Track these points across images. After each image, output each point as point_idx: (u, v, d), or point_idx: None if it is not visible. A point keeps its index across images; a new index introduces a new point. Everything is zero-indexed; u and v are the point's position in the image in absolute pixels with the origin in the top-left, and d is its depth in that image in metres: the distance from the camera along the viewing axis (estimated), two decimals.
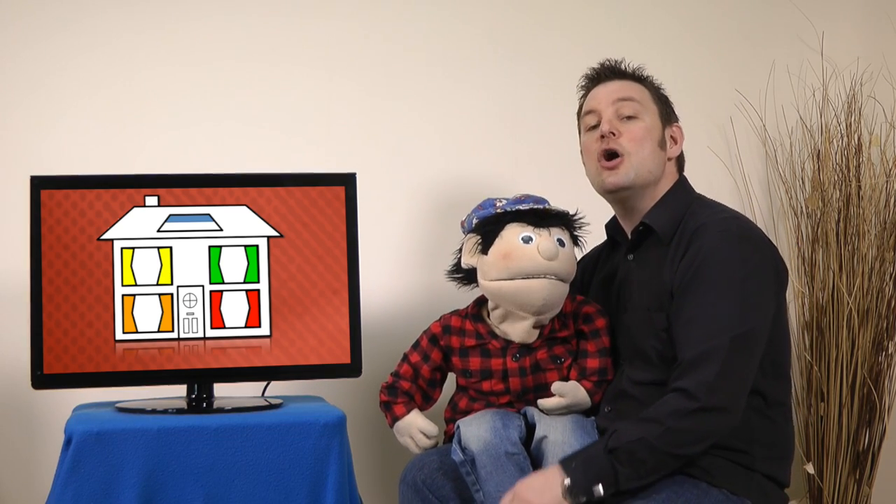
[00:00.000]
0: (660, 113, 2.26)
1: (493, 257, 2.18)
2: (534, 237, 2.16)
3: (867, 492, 2.94)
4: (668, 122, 2.27)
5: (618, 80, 2.27)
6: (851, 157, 2.98)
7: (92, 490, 2.15)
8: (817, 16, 3.10)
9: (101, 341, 2.31)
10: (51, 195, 2.31)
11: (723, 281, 2.04)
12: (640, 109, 2.23)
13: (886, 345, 2.95)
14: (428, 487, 2.21)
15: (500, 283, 2.17)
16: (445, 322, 2.31)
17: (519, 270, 2.15)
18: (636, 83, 2.28)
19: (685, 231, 2.14)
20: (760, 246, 2.11)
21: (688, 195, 2.26)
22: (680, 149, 2.29)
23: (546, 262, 2.14)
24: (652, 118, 2.24)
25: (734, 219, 2.15)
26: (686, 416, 1.97)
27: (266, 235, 2.38)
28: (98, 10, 2.77)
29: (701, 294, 2.04)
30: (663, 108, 2.28)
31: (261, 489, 2.20)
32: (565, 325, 2.24)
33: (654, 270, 2.16)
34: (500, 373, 2.23)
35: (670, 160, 2.26)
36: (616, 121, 2.22)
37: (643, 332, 2.16)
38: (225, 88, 2.81)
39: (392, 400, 2.31)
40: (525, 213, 2.19)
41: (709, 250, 2.07)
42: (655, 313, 2.13)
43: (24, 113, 2.74)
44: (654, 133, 2.23)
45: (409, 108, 2.90)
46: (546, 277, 2.15)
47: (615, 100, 2.24)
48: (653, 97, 2.27)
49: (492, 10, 2.97)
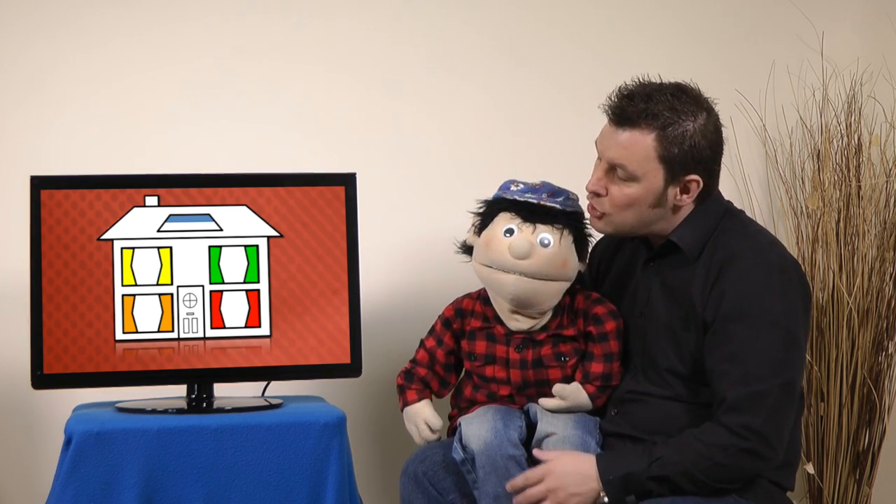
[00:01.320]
0: (664, 173, 2.06)
1: (481, 241, 2.20)
2: (515, 231, 2.16)
3: (867, 492, 2.94)
4: (675, 180, 2.07)
5: (626, 126, 2.06)
6: (851, 157, 2.98)
7: (92, 490, 2.15)
8: (817, 16, 3.09)
9: (101, 341, 2.31)
10: (51, 195, 2.31)
11: (766, 318, 2.00)
12: (634, 175, 2.06)
13: (886, 345, 2.95)
14: (429, 480, 2.21)
15: (480, 266, 2.20)
16: (457, 305, 2.31)
17: (493, 260, 2.17)
18: (647, 132, 2.04)
19: (717, 251, 2.08)
20: (795, 277, 2.07)
21: (718, 208, 2.15)
22: (693, 196, 2.10)
23: (514, 260, 2.14)
24: (649, 182, 2.06)
25: (771, 245, 2.10)
26: (735, 454, 1.97)
27: (266, 235, 2.38)
28: (98, 10, 2.77)
29: (743, 329, 2.01)
30: (673, 164, 2.05)
31: (261, 489, 2.20)
32: (573, 323, 2.23)
33: (678, 286, 2.12)
34: (503, 360, 2.23)
35: (677, 207, 2.10)
36: (604, 177, 2.10)
37: (661, 346, 2.13)
38: (225, 88, 2.81)
39: (407, 385, 2.31)
40: (520, 205, 2.19)
41: (751, 283, 2.02)
42: (683, 333, 2.10)
43: (24, 113, 2.73)
44: (646, 198, 2.08)
45: (409, 108, 2.90)
46: (514, 274, 2.15)
47: (611, 157, 2.08)
48: (661, 154, 2.04)
49: (492, 9, 2.96)
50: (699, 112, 2.08)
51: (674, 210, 2.12)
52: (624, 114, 2.06)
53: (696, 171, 2.08)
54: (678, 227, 2.13)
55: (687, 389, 2.10)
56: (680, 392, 2.11)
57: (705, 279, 2.07)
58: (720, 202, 2.17)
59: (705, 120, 2.08)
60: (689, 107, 2.07)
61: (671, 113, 2.05)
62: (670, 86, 2.10)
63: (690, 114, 2.06)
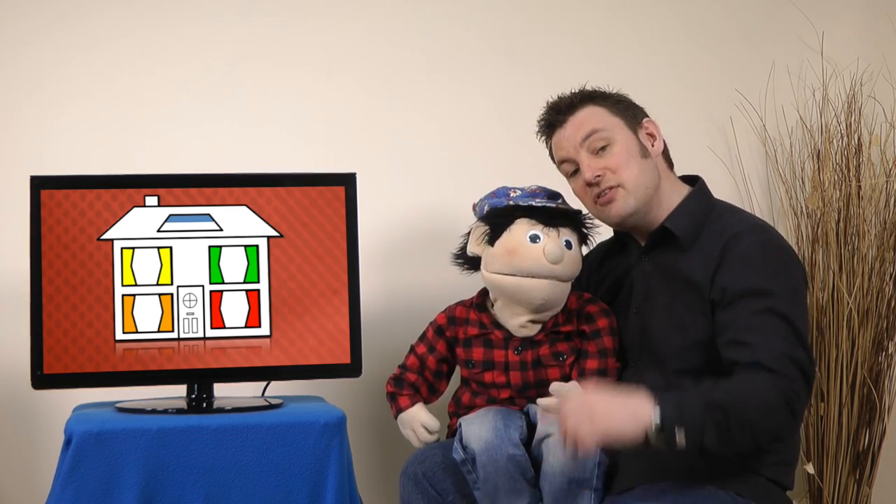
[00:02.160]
0: (626, 122, 2.19)
1: (498, 250, 2.18)
2: (542, 237, 2.16)
3: (867, 492, 2.94)
4: (637, 126, 2.21)
5: (571, 116, 2.20)
6: (851, 157, 2.98)
7: (92, 490, 2.15)
8: (817, 16, 3.10)
9: (101, 341, 2.31)
10: (51, 195, 2.31)
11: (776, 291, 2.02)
12: (607, 133, 2.17)
13: (886, 345, 2.95)
14: (428, 481, 2.22)
15: (502, 276, 2.18)
16: (450, 313, 2.31)
17: (522, 268, 2.15)
18: (588, 106, 2.20)
19: (714, 234, 2.11)
20: (793, 254, 2.13)
21: (708, 199, 2.22)
22: (661, 140, 2.23)
23: (550, 265, 2.14)
24: (622, 133, 2.18)
25: (767, 225, 2.17)
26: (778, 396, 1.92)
27: (266, 235, 2.38)
28: (98, 11, 2.77)
29: (755, 302, 2.02)
30: (626, 113, 2.20)
31: (261, 489, 2.20)
32: (569, 321, 2.24)
33: (677, 272, 2.13)
34: (501, 365, 2.23)
35: (657, 157, 2.21)
36: (593, 160, 2.17)
37: (665, 335, 2.14)
38: (225, 88, 2.81)
39: (397, 391, 2.31)
40: (536, 210, 2.19)
41: (757, 258, 2.06)
42: (687, 316, 2.10)
43: (24, 113, 2.74)
44: (631, 148, 2.17)
45: (409, 109, 2.90)
46: (548, 279, 2.15)
47: (581, 139, 2.17)
48: (611, 110, 2.20)
49: (492, 10, 2.97)
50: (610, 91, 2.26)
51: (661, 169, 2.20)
52: (561, 109, 2.22)
53: (645, 116, 2.23)
54: (671, 215, 2.17)
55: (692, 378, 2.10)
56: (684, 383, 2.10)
57: (707, 260, 2.10)
58: (708, 194, 2.24)
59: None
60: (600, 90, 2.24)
61: (591, 92, 2.23)
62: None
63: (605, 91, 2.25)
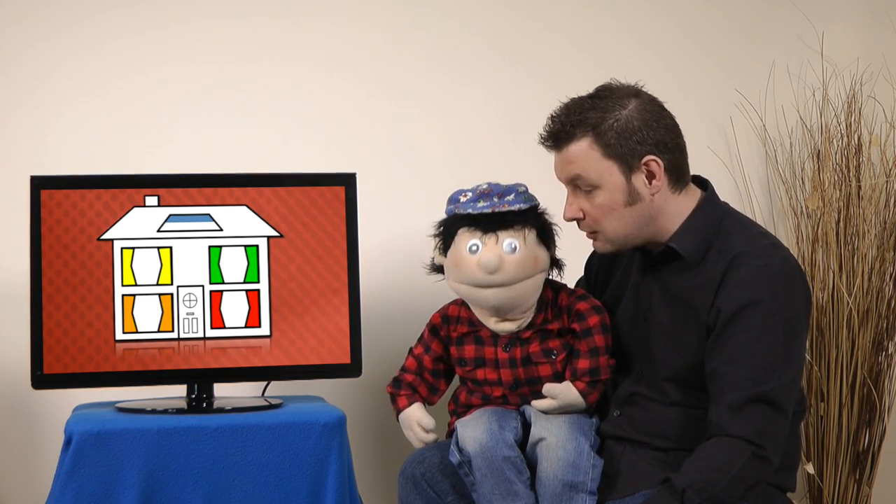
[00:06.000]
0: (620, 166, 2.06)
1: (448, 261, 2.19)
2: (480, 246, 2.16)
3: (867, 492, 2.94)
4: (634, 167, 2.06)
5: (564, 147, 2.09)
6: (851, 157, 2.98)
7: (92, 490, 2.15)
8: (817, 16, 3.10)
9: (101, 341, 2.32)
10: (51, 195, 2.31)
11: (769, 321, 1.99)
12: (594, 180, 2.07)
13: (886, 345, 2.95)
14: (427, 481, 2.21)
15: (458, 285, 2.19)
16: (444, 312, 2.31)
17: (467, 279, 2.16)
18: (583, 140, 2.06)
19: (720, 255, 2.06)
20: (798, 280, 2.06)
21: (716, 211, 2.12)
22: (661, 177, 2.07)
23: (486, 275, 2.14)
24: (611, 180, 2.06)
25: (774, 247, 2.07)
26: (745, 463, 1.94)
27: (266, 235, 2.38)
28: (98, 11, 2.77)
29: (744, 331, 1.99)
30: (622, 156, 2.05)
31: (261, 489, 2.21)
32: (558, 317, 2.23)
33: (680, 292, 2.10)
34: (492, 362, 2.23)
35: (656, 195, 2.08)
36: (576, 199, 2.10)
37: (664, 353, 2.12)
38: (225, 89, 2.81)
39: (396, 392, 2.31)
40: (476, 218, 2.17)
41: (754, 286, 2.01)
42: (685, 338, 2.08)
43: (24, 113, 2.74)
44: (616, 199, 2.07)
45: (409, 109, 2.90)
46: (490, 288, 2.15)
47: (566, 178, 2.11)
48: (605, 152, 2.05)
49: (492, 11, 2.97)
50: (626, 100, 2.08)
51: (659, 203, 2.09)
52: (556, 136, 2.11)
53: (649, 153, 2.06)
54: (676, 233, 2.11)
55: (686, 395, 2.09)
56: (678, 398, 2.10)
57: (709, 284, 2.06)
58: (717, 204, 2.15)
59: (636, 104, 2.08)
60: (612, 101, 2.08)
61: (596, 112, 2.07)
62: (590, 92, 2.13)
63: (617, 105, 2.07)
